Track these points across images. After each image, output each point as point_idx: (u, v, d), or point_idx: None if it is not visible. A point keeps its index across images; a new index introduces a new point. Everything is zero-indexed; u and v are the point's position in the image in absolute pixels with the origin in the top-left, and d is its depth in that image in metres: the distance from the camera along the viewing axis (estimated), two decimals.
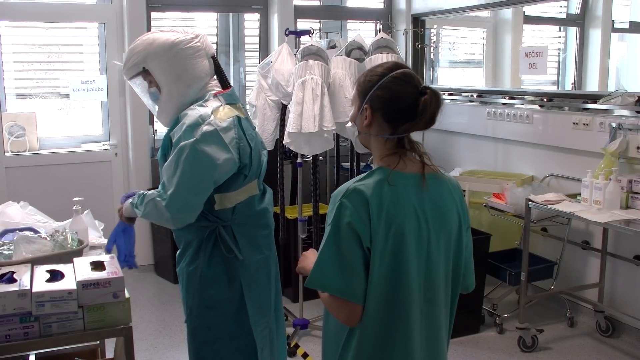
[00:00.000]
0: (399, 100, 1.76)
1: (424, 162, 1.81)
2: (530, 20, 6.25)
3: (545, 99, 4.64)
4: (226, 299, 2.48)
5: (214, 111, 2.35)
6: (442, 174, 1.87)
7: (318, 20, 5.99)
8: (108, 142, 5.45)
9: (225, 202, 2.42)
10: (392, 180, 1.74)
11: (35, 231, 2.65)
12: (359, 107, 1.83)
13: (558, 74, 6.49)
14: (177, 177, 2.28)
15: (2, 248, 2.47)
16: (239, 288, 2.48)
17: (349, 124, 1.94)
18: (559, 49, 6.47)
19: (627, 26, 6.03)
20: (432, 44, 6.30)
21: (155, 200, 2.32)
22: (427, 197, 1.78)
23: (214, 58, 2.52)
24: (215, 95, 2.45)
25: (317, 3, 6.11)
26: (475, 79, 6.64)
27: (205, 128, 2.29)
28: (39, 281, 2.08)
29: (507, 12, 6.13)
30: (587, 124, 4.21)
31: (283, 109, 4.20)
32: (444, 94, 5.67)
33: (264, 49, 5.77)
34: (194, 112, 2.34)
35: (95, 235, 2.88)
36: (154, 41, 2.39)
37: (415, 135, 1.88)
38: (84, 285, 2.06)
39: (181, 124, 2.33)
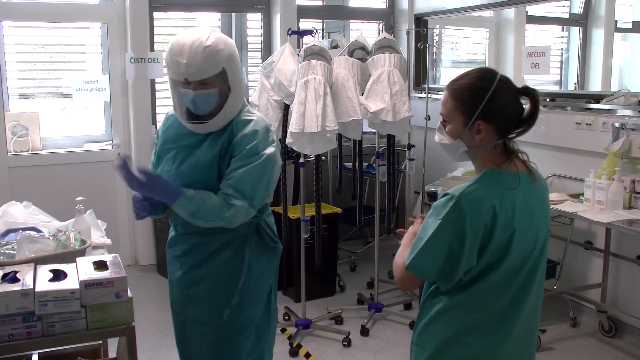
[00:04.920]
0: (511, 106, 1.78)
1: (525, 160, 1.86)
2: (532, 20, 6.24)
3: (547, 99, 4.63)
4: (267, 289, 2.54)
5: (263, 118, 2.44)
6: (537, 170, 1.91)
7: (320, 20, 6.00)
8: (111, 142, 5.46)
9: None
10: (510, 182, 1.77)
11: (38, 231, 2.65)
12: (465, 123, 1.78)
13: (561, 74, 6.49)
14: (266, 184, 2.33)
15: (5, 248, 2.47)
16: (274, 276, 2.57)
17: (442, 140, 1.85)
18: (562, 48, 6.46)
19: (630, 26, 6.03)
20: (434, 44, 6.30)
21: (244, 208, 2.27)
22: (534, 193, 1.83)
23: None
24: (248, 102, 2.52)
25: (320, 3, 6.12)
26: None
27: (274, 136, 2.38)
28: (41, 281, 2.08)
29: (510, 12, 6.13)
30: (589, 124, 4.20)
31: (285, 109, 4.20)
32: None
33: (267, 49, 5.77)
34: (259, 120, 2.38)
35: (98, 235, 2.88)
36: (227, 41, 2.31)
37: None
38: (86, 285, 2.06)
39: (252, 131, 2.32)
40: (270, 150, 2.32)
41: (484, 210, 1.72)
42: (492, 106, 1.75)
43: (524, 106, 1.82)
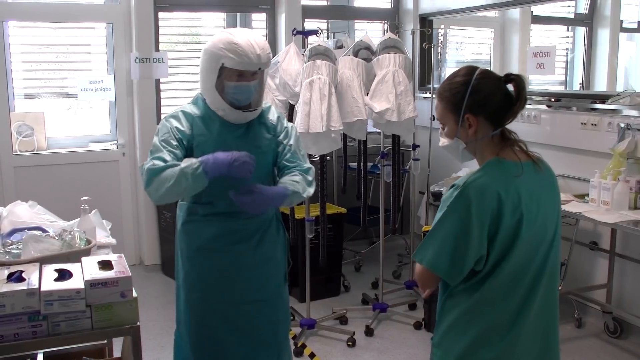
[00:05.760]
0: (495, 94, 1.82)
1: (527, 150, 1.89)
2: (538, 20, 6.22)
3: (553, 99, 4.63)
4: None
5: None
6: (543, 160, 1.94)
7: (325, 20, 5.99)
8: (116, 142, 5.47)
9: None
10: (514, 170, 1.80)
11: (44, 230, 2.66)
12: (456, 122, 1.84)
13: (566, 74, 6.46)
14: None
15: (10, 247, 2.48)
16: None
17: (444, 142, 1.93)
18: (567, 49, 6.44)
19: (635, 26, 6.00)
20: (439, 44, 6.29)
21: (311, 169, 2.67)
22: (540, 182, 1.87)
23: None
24: None
25: (325, 3, 6.12)
26: None
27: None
28: (47, 280, 2.09)
29: (515, 12, 6.11)
30: (595, 124, 4.19)
31: (290, 109, 4.20)
32: None
33: (272, 49, 5.75)
34: (274, 107, 2.77)
35: (103, 235, 2.88)
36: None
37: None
38: (92, 284, 2.06)
39: (278, 113, 2.73)
40: (290, 122, 2.76)
41: (489, 197, 1.75)
42: (475, 98, 1.81)
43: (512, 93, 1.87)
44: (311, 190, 2.61)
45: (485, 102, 1.82)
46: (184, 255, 2.65)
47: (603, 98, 4.25)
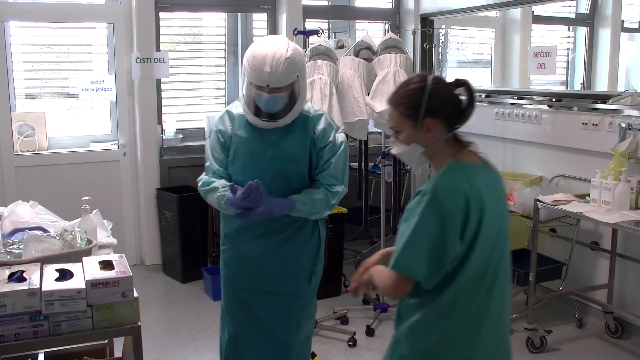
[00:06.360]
0: (450, 98, 1.91)
1: (478, 152, 1.96)
2: (539, 20, 6.22)
3: (554, 99, 4.62)
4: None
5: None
6: (491, 163, 2.01)
7: (326, 20, 5.99)
8: (117, 142, 5.47)
9: None
10: (472, 170, 1.88)
11: (45, 230, 2.66)
12: (414, 127, 1.90)
13: (567, 74, 6.46)
14: (347, 166, 2.72)
15: (12, 247, 2.48)
16: None
17: (399, 149, 1.96)
18: (568, 48, 6.44)
19: (636, 26, 6.01)
20: (440, 44, 6.29)
21: (343, 191, 2.68)
22: (492, 181, 1.94)
23: None
24: None
25: (326, 3, 6.11)
26: (483, 79, 6.62)
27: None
28: (48, 280, 2.09)
29: (516, 12, 6.11)
30: (596, 124, 4.19)
31: None
32: None
33: None
34: (324, 112, 2.75)
35: (104, 235, 2.89)
36: (301, 52, 2.57)
37: None
38: (92, 284, 2.07)
39: (328, 124, 2.67)
40: (342, 136, 2.68)
41: (457, 196, 1.81)
42: (432, 102, 1.88)
43: (461, 97, 1.95)
44: (324, 213, 2.67)
45: (441, 105, 1.89)
46: (224, 232, 2.81)
47: (604, 98, 4.25)
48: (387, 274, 1.90)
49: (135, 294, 2.14)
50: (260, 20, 5.85)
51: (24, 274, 2.11)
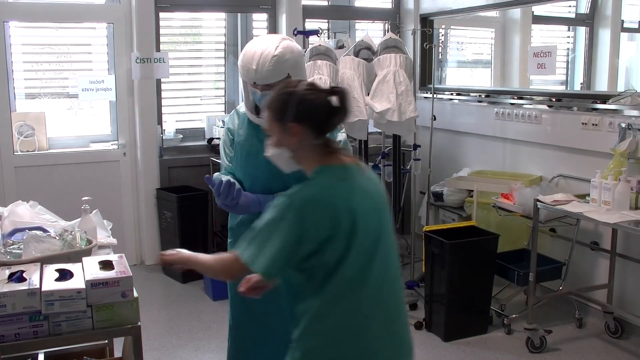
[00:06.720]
0: (321, 105, 1.90)
1: (349, 155, 2.00)
2: (538, 20, 6.21)
3: (554, 99, 4.62)
4: None
5: None
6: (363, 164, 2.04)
7: (326, 20, 5.99)
8: (116, 142, 5.47)
9: None
10: (340, 173, 1.90)
11: (45, 230, 2.66)
12: (282, 130, 1.90)
13: (567, 74, 6.46)
14: None
15: (11, 247, 2.48)
16: None
17: (269, 152, 1.98)
18: (568, 48, 6.43)
19: (636, 26, 6.00)
20: (440, 44, 6.29)
21: None
22: (364, 179, 1.95)
23: None
24: None
25: (326, 3, 6.11)
26: (483, 79, 6.62)
27: None
28: (48, 280, 2.09)
29: (516, 12, 6.11)
30: (596, 124, 4.19)
31: None
32: (452, 94, 5.66)
33: None
34: None
35: (104, 235, 2.89)
36: (294, 49, 2.53)
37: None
38: (92, 284, 2.07)
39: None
40: (342, 136, 2.60)
41: (320, 206, 1.83)
42: (299, 108, 1.88)
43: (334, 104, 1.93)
44: None
45: (311, 112, 1.89)
46: (229, 226, 2.81)
47: (604, 98, 4.25)
48: (227, 256, 1.93)
49: (135, 294, 2.14)
50: (260, 20, 5.85)
51: (24, 274, 2.11)
